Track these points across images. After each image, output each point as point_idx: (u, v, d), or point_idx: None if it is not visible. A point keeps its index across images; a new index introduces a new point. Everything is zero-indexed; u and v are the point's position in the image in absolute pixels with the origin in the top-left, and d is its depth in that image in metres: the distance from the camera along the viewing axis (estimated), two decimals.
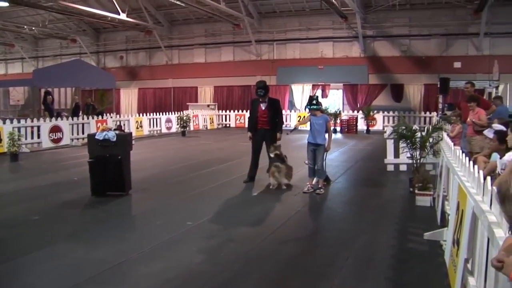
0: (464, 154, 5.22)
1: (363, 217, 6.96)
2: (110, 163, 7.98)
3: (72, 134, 17.35)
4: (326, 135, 8.64)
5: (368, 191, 8.95)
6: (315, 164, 8.55)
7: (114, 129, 8.56)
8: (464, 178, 4.42)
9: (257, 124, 9.34)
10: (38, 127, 16.00)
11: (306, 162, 8.80)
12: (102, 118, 19.05)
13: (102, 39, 33.19)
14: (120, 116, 20.79)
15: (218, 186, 9.25)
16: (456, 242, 3.96)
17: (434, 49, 24.36)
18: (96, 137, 8.08)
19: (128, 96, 31.83)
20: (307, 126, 8.94)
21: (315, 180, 8.72)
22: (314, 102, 8.62)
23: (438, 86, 20.79)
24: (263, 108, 9.31)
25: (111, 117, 19.55)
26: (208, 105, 27.90)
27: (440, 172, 7.30)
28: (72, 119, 17.63)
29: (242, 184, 9.33)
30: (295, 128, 9.61)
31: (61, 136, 16.69)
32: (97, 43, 33.21)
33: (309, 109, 8.70)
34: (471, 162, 4.51)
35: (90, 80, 22.66)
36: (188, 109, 26.29)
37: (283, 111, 25.30)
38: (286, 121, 24.84)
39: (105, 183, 8.03)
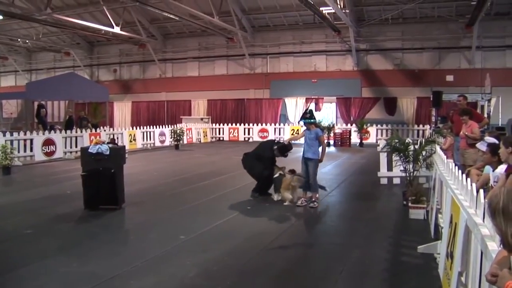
0: (457, 167, 5.25)
1: (357, 231, 6.97)
2: (103, 176, 7.95)
3: (65, 147, 17.27)
4: (321, 149, 8.68)
5: (362, 205, 8.97)
6: (309, 178, 8.57)
7: (108, 143, 8.55)
8: (457, 191, 4.44)
9: None
10: (31, 140, 15.92)
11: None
12: (96, 131, 19.02)
13: (95, 52, 33.25)
14: (113, 130, 20.75)
15: (211, 199, 9.23)
16: (450, 255, 3.97)
17: (426, 62, 24.59)
18: (89, 150, 8.06)
19: (122, 110, 31.81)
20: (301, 140, 8.99)
21: (308, 193, 8.73)
22: (308, 115, 8.64)
23: (431, 99, 20.93)
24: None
25: (105, 131, 19.51)
26: (202, 119, 27.90)
27: (434, 185, 7.33)
28: (65, 132, 17.58)
29: (236, 197, 9.31)
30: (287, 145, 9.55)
31: (54, 149, 16.61)
32: (91, 56, 33.26)
33: (304, 123, 8.73)
34: (464, 175, 4.54)
35: (84, 93, 22.65)
36: (181, 123, 26.29)
37: (276, 124, 25.80)
38: (279, 134, 24.98)
39: (98, 196, 8.00)
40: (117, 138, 19.20)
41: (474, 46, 22.86)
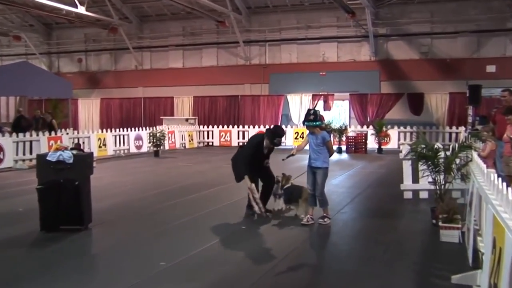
0: (500, 178, 5.25)
1: (375, 256, 6.95)
2: (65, 190, 7.91)
3: (17, 155, 17.20)
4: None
5: (381, 224, 8.98)
6: (315, 191, 8.60)
7: (71, 148, 8.51)
8: (500, 208, 4.43)
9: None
10: None
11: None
12: (56, 134, 18.95)
13: (54, 37, 33.23)
14: (78, 132, 20.73)
15: (198, 217, 9.21)
16: None
17: (461, 49, 24.63)
18: (47, 158, 8.01)
19: (88, 108, 31.81)
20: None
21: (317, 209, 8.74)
22: (312, 117, 8.61)
23: (467, 95, 20.95)
24: (265, 152, 9.39)
25: (67, 134, 19.47)
26: (187, 120, 27.95)
27: (470, 201, 7.31)
28: (17, 136, 17.51)
29: (229, 215, 9.32)
30: (292, 155, 9.55)
31: (1, 157, 16.53)
32: (49, 41, 33.24)
33: (306, 125, 8.72)
34: (510, 188, 4.53)
35: (40, 88, 22.54)
36: (162, 124, 26.31)
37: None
38: None
39: (59, 215, 7.95)
40: (83, 143, 19.20)
41: None
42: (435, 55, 25.14)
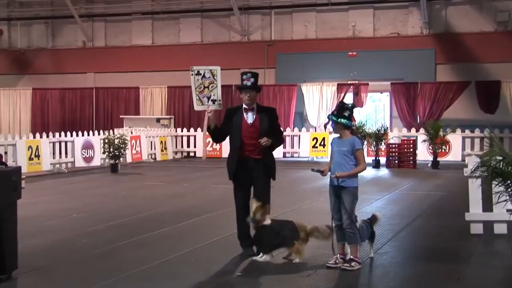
0: None
1: None
2: None
3: None
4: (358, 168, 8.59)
5: (437, 270, 8.87)
6: (341, 220, 8.51)
7: None
8: None
9: (239, 153, 9.20)
10: None
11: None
12: None
13: None
14: None
15: (173, 260, 9.16)
16: None
17: None
18: None
19: (14, 102, 31.73)
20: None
21: (348, 247, 8.64)
22: (347, 114, 8.56)
23: None
24: (250, 121, 9.22)
25: None
26: (158, 120, 28.01)
27: None
28: None
29: (216, 257, 9.25)
30: (321, 172, 9.36)
31: None
32: None
33: (335, 122, 8.61)
34: None
35: None
36: (122, 127, 26.37)
37: (288, 129, 25.60)
38: (292, 147, 24.92)
39: None
40: (5, 153, 19.13)
41: None
42: None
